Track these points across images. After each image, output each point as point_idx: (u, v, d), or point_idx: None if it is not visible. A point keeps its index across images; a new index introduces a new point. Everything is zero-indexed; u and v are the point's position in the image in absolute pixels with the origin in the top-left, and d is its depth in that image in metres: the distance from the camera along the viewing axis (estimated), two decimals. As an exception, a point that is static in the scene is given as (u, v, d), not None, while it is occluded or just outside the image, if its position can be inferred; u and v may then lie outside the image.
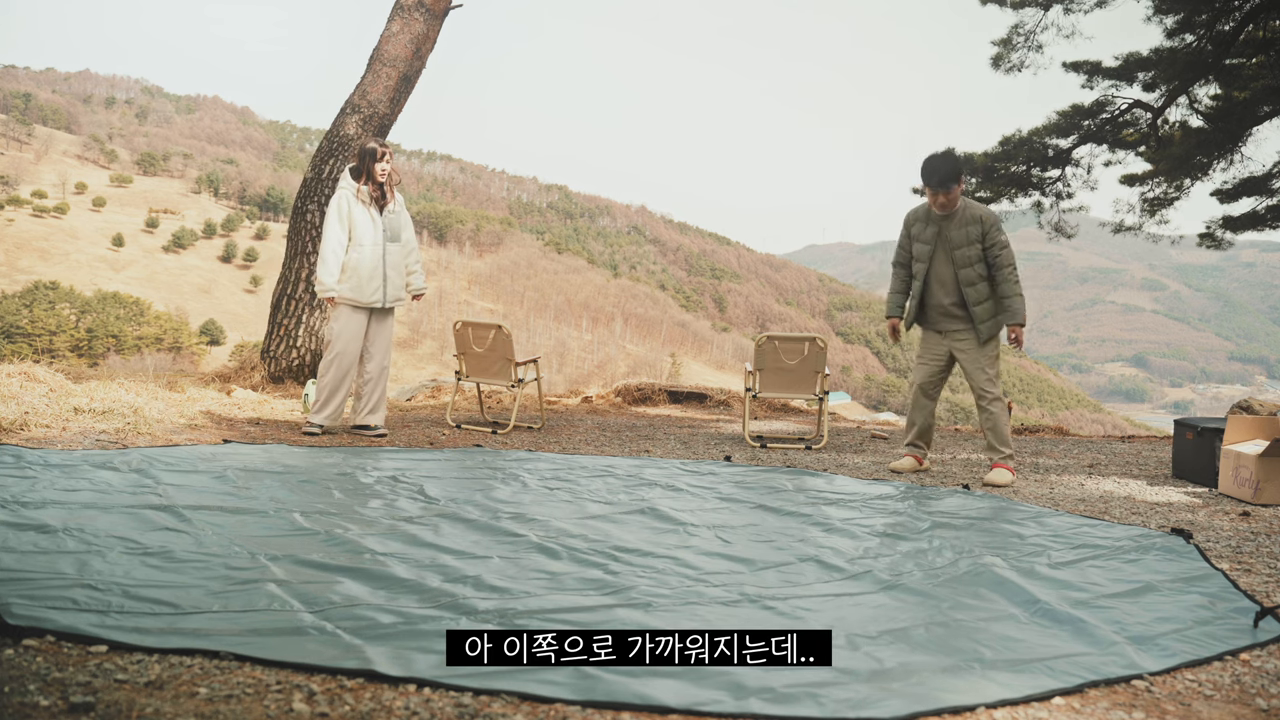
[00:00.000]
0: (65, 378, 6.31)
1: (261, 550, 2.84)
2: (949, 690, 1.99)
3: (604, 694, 1.88)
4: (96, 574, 2.49)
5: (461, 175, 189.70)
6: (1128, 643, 2.33)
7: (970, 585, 2.81)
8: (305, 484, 3.95)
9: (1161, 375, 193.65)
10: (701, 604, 2.52)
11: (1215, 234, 12.96)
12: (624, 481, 4.45)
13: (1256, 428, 4.67)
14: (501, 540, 3.17)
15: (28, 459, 3.91)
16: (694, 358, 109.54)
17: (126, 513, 3.19)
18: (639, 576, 2.78)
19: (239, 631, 2.13)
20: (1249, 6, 10.86)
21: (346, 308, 5.62)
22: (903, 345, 5.32)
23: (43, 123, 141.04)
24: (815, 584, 2.79)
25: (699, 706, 1.84)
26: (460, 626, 2.24)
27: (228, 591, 2.43)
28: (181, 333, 67.55)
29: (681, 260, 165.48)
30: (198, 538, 2.94)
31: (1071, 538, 3.51)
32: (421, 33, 8.13)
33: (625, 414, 8.18)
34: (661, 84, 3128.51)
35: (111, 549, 2.73)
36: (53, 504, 3.24)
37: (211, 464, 4.22)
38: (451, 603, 2.43)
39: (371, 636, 2.15)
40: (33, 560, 2.58)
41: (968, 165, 13.13)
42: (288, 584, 2.51)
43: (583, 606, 2.44)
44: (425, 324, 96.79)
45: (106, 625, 2.11)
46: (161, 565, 2.63)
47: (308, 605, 2.34)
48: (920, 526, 3.63)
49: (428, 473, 4.42)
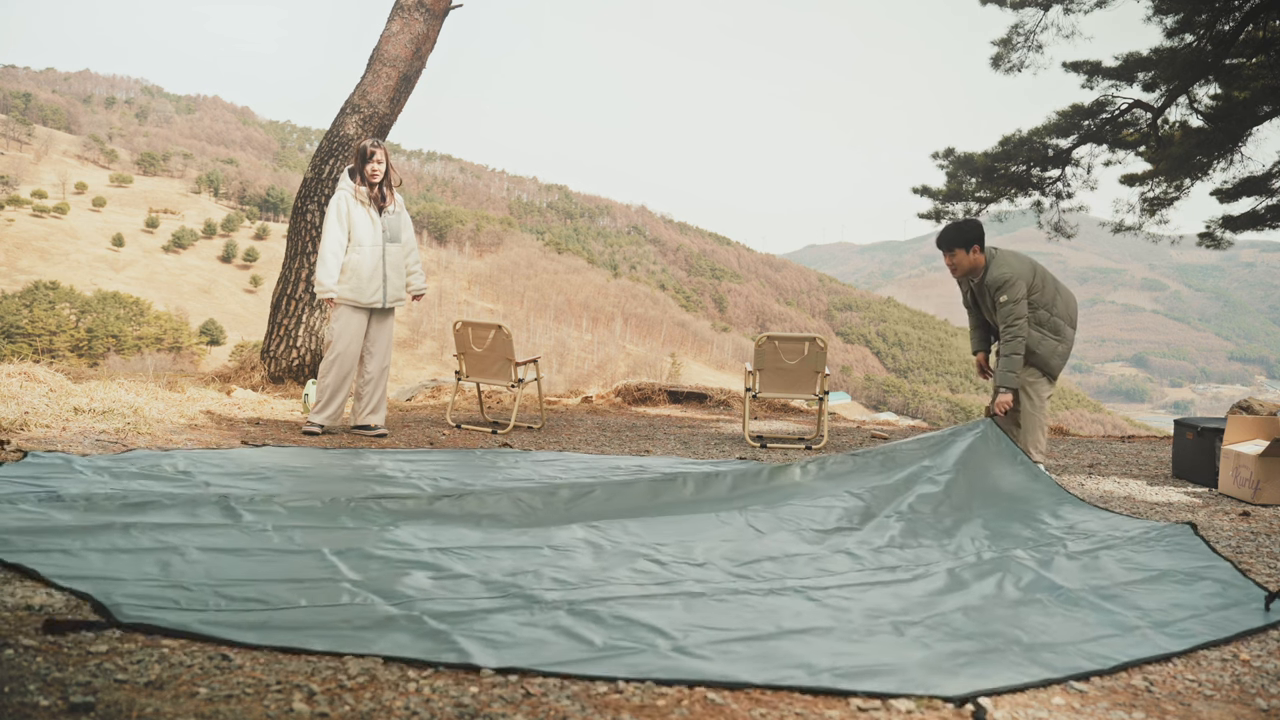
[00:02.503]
0: (65, 378, 6.31)
1: (324, 546, 2.89)
2: (997, 671, 2.11)
3: (687, 673, 2.01)
4: (181, 574, 2.51)
5: (461, 175, 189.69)
6: (1149, 627, 2.46)
7: (995, 574, 2.93)
8: (348, 482, 4.01)
9: (1161, 375, 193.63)
10: (752, 595, 2.63)
11: (1215, 234, 12.96)
12: None
13: (1256, 428, 4.67)
14: (550, 535, 3.25)
15: (77, 464, 3.92)
16: (694, 358, 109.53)
17: (187, 513, 3.19)
18: (684, 570, 2.88)
19: (333, 624, 2.19)
20: (1249, 6, 10.86)
21: (347, 308, 5.61)
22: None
23: (43, 123, 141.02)
24: (849, 573, 2.92)
25: (776, 682, 1.97)
26: (534, 615, 2.34)
27: (308, 587, 2.47)
28: (181, 333, 67.55)
29: (681, 260, 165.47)
30: (261, 536, 2.97)
31: (1084, 531, 3.61)
32: (421, 33, 8.13)
33: (625, 414, 8.18)
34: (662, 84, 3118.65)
35: (186, 549, 2.74)
36: (117, 506, 3.23)
37: (253, 465, 4.25)
38: (519, 593, 2.52)
39: (456, 625, 2.24)
40: (117, 560, 2.59)
41: (967, 166, 13.14)
42: (360, 580, 2.56)
43: (642, 596, 2.55)
44: (425, 324, 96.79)
45: (213, 623, 2.14)
46: (237, 564, 2.66)
47: (385, 598, 2.41)
48: (945, 524, 3.66)
49: (465, 474, 4.47)
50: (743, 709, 1.86)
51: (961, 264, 4.84)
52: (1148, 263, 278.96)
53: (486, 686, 1.90)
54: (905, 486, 3.94)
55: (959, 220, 4.97)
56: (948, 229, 4.94)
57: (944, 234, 4.92)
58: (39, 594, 2.27)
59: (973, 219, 5.13)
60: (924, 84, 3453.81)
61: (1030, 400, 4.85)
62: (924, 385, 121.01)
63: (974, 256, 4.81)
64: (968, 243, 4.80)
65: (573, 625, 2.29)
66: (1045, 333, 4.83)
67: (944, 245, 4.89)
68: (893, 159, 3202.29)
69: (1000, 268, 4.77)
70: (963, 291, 5.08)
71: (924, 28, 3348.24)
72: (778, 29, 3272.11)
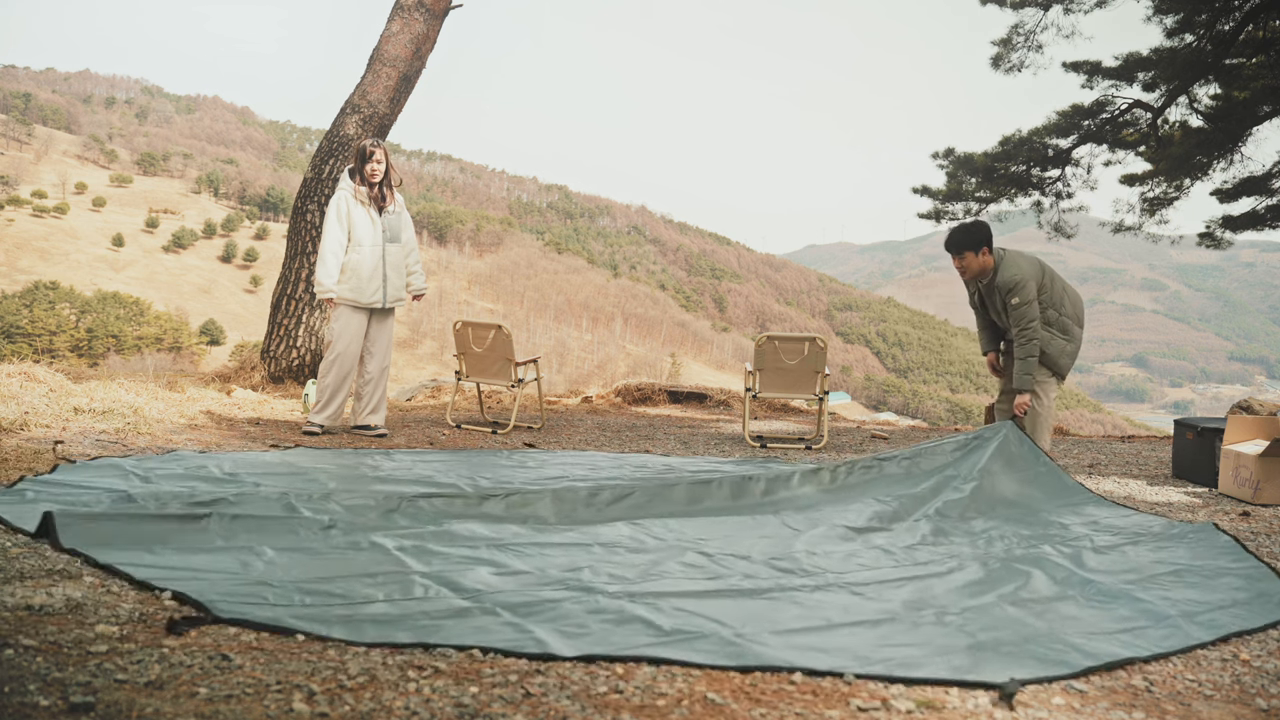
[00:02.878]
0: (65, 378, 6.31)
1: (387, 543, 2.93)
2: (1041, 657, 2.17)
3: (754, 658, 2.08)
4: (262, 572, 2.55)
5: (461, 175, 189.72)
6: (1181, 617, 2.52)
7: (1026, 568, 2.99)
8: (392, 483, 4.06)
9: (1161, 375, 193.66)
10: (799, 591, 2.68)
11: (1215, 234, 12.97)
12: None
13: (1256, 428, 4.67)
14: (596, 532, 3.30)
15: (125, 466, 3.95)
16: (694, 358, 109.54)
17: (246, 514, 3.21)
18: (731, 564, 2.94)
19: (414, 616, 2.25)
20: (1249, 6, 10.86)
21: (347, 308, 5.61)
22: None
23: (43, 123, 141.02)
24: (885, 569, 2.99)
25: (839, 669, 2.04)
26: (600, 604, 2.41)
27: (382, 582, 2.52)
28: (181, 333, 67.55)
29: (681, 260, 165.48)
30: (327, 535, 3.01)
31: (1109, 527, 3.69)
32: (421, 33, 8.13)
33: (625, 414, 8.18)
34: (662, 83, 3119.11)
35: (259, 548, 2.77)
36: (186, 507, 3.23)
37: (291, 466, 4.29)
38: (580, 586, 2.58)
39: (528, 616, 2.30)
40: (198, 559, 2.62)
41: (967, 166, 13.14)
42: (429, 574, 2.61)
43: (694, 591, 2.61)
44: (425, 324, 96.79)
45: (304, 617, 2.19)
46: (311, 561, 2.69)
47: (456, 592, 2.47)
48: (973, 524, 3.72)
49: (499, 474, 4.51)
50: (743, 709, 1.86)
51: (971, 266, 4.84)
52: (1148, 263, 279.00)
53: (486, 686, 1.90)
54: (932, 494, 4.03)
55: (966, 223, 4.96)
56: (956, 232, 4.92)
57: (952, 237, 4.91)
58: (39, 594, 2.27)
59: (980, 221, 5.12)
60: (924, 84, 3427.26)
61: (1038, 400, 4.85)
62: (924, 385, 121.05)
63: (984, 258, 4.81)
64: (977, 245, 4.80)
65: (637, 614, 2.36)
66: (1054, 332, 4.83)
67: (953, 249, 4.87)
68: (893, 159, 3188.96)
69: (1010, 269, 4.77)
70: (970, 293, 5.08)
71: (924, 28, 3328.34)
72: (778, 29, 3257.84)
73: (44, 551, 2.63)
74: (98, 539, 2.69)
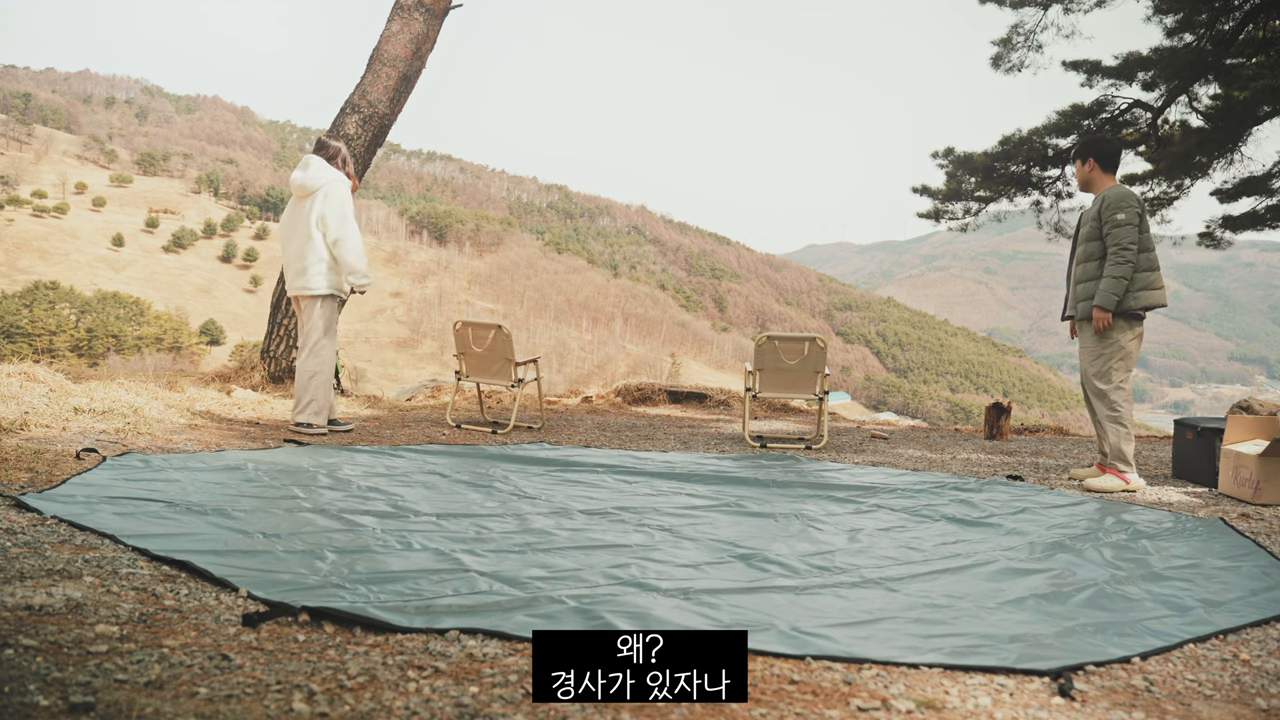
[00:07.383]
0: (65, 378, 6.31)
1: (437, 543, 2.97)
2: (1079, 646, 2.22)
3: (815, 649, 2.13)
4: (328, 569, 2.58)
5: (461, 175, 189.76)
6: (1201, 606, 2.59)
7: (1047, 562, 3.07)
8: (418, 482, 4.10)
9: (1161, 375, 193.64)
10: (841, 587, 2.71)
11: (1215, 234, 12.97)
12: (686, 477, 4.62)
13: (1256, 428, 4.67)
14: (629, 530, 3.34)
15: (154, 464, 3.95)
16: (694, 358, 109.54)
17: (293, 515, 3.24)
18: (770, 560, 2.98)
19: (486, 608, 2.29)
20: (1249, 6, 10.86)
21: (338, 300, 5.78)
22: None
23: (43, 123, 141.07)
24: (915, 564, 3.02)
25: (895, 659, 2.09)
26: (659, 598, 2.45)
27: (445, 578, 2.57)
28: (181, 333, 67.56)
29: (681, 260, 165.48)
30: (373, 534, 3.04)
31: (1115, 524, 3.75)
32: (421, 33, 8.13)
33: (625, 414, 8.18)
34: (662, 83, 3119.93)
35: (320, 548, 2.80)
36: (230, 506, 3.26)
37: (314, 467, 4.29)
38: (634, 581, 2.62)
39: (596, 605, 2.34)
40: (263, 559, 2.65)
41: (967, 165, 13.13)
42: (487, 572, 2.65)
43: (741, 587, 2.64)
44: (425, 324, 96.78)
45: (385, 607, 2.24)
46: (370, 560, 2.72)
47: (516, 587, 2.51)
48: (991, 522, 3.77)
49: (527, 472, 4.55)
50: (743, 709, 1.86)
51: (1079, 174, 4.98)
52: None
53: (486, 686, 1.90)
54: (941, 498, 4.23)
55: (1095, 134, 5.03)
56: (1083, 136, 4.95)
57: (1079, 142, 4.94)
58: (39, 594, 2.27)
59: (1104, 137, 5.14)
60: (924, 84, 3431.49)
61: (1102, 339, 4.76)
62: (924, 385, 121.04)
63: (1089, 170, 4.89)
64: (1085, 154, 4.91)
65: (696, 607, 2.40)
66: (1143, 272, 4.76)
67: (1074, 155, 5.04)
68: (893, 159, 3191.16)
69: (1121, 190, 4.79)
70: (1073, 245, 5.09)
71: (924, 28, 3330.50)
72: (779, 29, 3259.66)
73: (44, 551, 2.63)
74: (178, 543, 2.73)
